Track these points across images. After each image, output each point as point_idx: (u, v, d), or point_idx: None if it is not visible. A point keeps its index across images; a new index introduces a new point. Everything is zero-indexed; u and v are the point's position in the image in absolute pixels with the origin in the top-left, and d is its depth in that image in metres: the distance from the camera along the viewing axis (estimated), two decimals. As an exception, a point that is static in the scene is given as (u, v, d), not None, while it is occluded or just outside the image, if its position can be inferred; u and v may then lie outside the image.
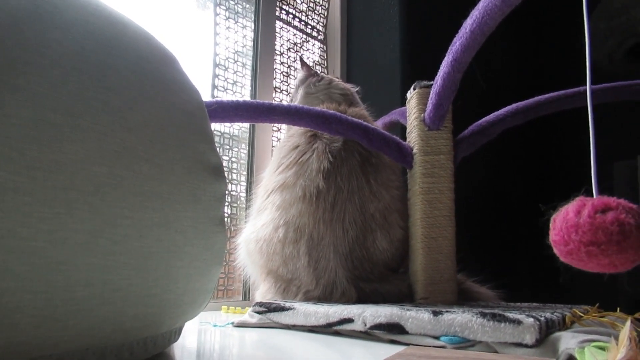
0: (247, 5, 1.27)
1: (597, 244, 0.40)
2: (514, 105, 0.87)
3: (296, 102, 1.07)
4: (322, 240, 0.80)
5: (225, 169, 1.11)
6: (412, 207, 0.86)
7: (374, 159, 0.87)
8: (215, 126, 1.12)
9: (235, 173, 1.17)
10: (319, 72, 1.09)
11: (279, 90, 1.32)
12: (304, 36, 1.46)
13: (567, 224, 0.42)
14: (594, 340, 0.43)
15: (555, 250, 0.44)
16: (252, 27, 1.28)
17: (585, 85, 0.49)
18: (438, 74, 0.77)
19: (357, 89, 1.10)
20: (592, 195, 0.44)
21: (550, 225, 0.45)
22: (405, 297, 0.83)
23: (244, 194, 1.18)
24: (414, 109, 0.87)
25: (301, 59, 1.12)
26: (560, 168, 1.52)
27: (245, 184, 1.18)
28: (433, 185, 0.83)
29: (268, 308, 0.70)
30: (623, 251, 0.40)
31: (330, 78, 1.07)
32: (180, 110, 0.42)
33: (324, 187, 0.81)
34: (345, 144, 0.85)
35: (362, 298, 0.79)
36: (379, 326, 0.58)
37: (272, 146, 1.25)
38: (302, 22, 1.45)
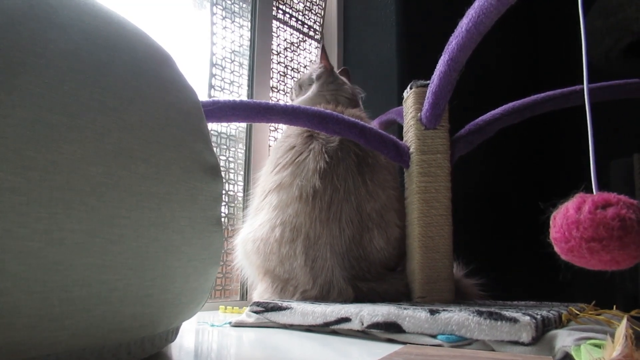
0: (244, 5, 1.27)
1: (599, 239, 0.39)
2: (510, 104, 0.87)
3: (303, 96, 1.06)
4: (318, 240, 0.80)
5: (222, 168, 1.11)
6: (409, 206, 0.86)
7: (370, 159, 0.87)
8: (213, 126, 1.11)
9: (232, 173, 1.17)
10: (334, 69, 1.08)
11: (276, 90, 1.32)
12: (301, 36, 1.46)
13: (567, 220, 0.42)
14: (590, 338, 0.43)
15: (556, 248, 0.44)
16: (249, 27, 1.28)
17: (582, 83, 0.49)
18: (434, 73, 0.77)
19: (363, 95, 1.10)
20: (591, 192, 0.43)
21: (551, 222, 0.44)
22: (402, 296, 0.83)
23: (241, 194, 1.17)
24: (410, 108, 0.87)
25: (323, 49, 1.07)
26: (557, 166, 1.52)
27: (242, 183, 1.18)
28: (430, 185, 0.83)
29: (265, 308, 0.70)
30: (625, 247, 0.39)
31: (342, 81, 1.06)
32: (177, 109, 0.42)
33: (321, 187, 0.81)
34: (341, 144, 0.86)
35: (359, 297, 0.79)
36: (376, 325, 0.58)
37: (269, 146, 1.25)
38: (299, 22, 1.45)
